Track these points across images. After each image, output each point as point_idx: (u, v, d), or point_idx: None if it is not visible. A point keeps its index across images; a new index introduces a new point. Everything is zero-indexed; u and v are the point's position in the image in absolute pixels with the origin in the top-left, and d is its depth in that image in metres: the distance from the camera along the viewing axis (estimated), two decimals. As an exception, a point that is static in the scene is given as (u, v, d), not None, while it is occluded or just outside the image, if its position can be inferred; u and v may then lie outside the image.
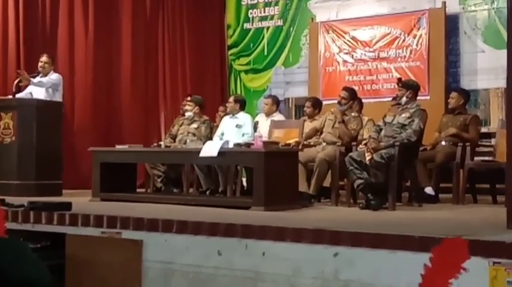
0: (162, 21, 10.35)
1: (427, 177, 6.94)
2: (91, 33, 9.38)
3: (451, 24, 8.76)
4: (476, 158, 7.16)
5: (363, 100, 8.07)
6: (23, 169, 7.26)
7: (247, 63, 10.63)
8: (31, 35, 8.89)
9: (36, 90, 7.77)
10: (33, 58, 8.32)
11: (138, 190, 7.77)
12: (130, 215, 5.13)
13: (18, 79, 7.73)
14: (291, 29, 10.22)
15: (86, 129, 9.17)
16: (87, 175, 7.55)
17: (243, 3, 10.68)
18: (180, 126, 8.22)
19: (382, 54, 9.13)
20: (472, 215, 5.73)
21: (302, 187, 6.57)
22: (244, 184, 7.44)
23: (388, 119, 6.58)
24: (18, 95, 7.70)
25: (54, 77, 7.88)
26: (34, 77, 7.79)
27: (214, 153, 6.30)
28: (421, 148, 6.85)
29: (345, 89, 7.32)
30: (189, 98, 8.45)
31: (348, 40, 9.42)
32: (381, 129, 6.57)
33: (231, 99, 8.13)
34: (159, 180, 7.93)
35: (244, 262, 4.42)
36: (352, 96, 7.18)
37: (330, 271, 4.09)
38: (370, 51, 9.23)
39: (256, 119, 8.25)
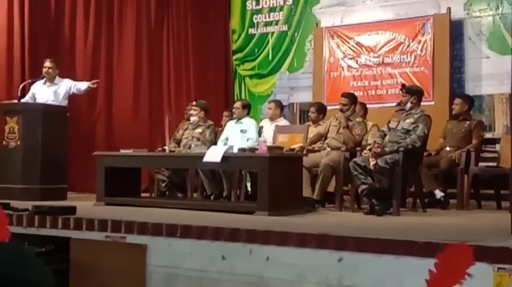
0: (166, 25, 10.37)
1: (434, 181, 6.94)
2: (96, 38, 9.41)
3: (456, 30, 8.75)
4: (480, 164, 7.15)
5: (368, 105, 8.07)
6: (27, 173, 7.27)
7: (252, 69, 10.62)
8: (36, 41, 8.92)
9: (40, 93, 7.78)
10: (37, 63, 8.34)
11: (142, 195, 7.78)
12: (135, 219, 5.13)
13: (23, 83, 7.74)
14: (296, 34, 10.21)
15: (91, 133, 9.19)
16: (91, 180, 7.56)
17: (248, 8, 10.69)
18: (185, 130, 8.22)
19: (387, 60, 9.12)
20: (476, 221, 5.72)
21: (306, 192, 6.57)
22: (249, 188, 7.43)
23: (393, 124, 6.58)
24: (22, 100, 7.73)
25: (70, 83, 7.89)
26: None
27: (218, 159, 6.30)
28: (425, 154, 6.85)
29: (344, 95, 7.29)
30: (194, 103, 8.43)
31: (352, 45, 9.41)
32: (385, 135, 6.58)
33: (239, 104, 7.93)
34: (163, 185, 7.95)
35: (248, 266, 4.43)
36: (352, 101, 7.17)
37: (334, 277, 4.08)
38: (374, 57, 9.22)
39: (261, 124, 8.25)
